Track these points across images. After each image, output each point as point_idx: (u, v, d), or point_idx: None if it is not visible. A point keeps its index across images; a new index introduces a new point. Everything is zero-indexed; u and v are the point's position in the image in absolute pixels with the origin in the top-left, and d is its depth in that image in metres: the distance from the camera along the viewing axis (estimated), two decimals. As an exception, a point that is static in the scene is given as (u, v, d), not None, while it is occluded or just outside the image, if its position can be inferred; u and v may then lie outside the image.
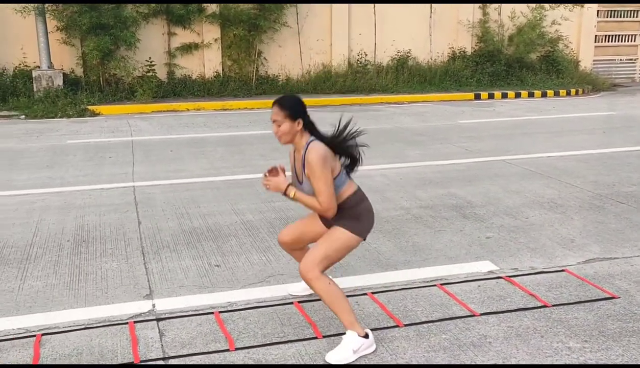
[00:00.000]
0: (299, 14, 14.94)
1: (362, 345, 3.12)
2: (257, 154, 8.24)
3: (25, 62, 13.29)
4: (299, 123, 3.22)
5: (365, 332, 3.17)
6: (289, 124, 3.21)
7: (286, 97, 3.30)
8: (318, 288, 3.12)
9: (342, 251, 3.26)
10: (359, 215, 3.28)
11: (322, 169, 3.12)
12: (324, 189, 3.13)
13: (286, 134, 3.24)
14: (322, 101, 13.75)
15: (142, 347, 3.22)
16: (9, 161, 7.80)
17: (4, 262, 4.40)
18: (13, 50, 13.22)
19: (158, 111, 12.68)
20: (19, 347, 3.22)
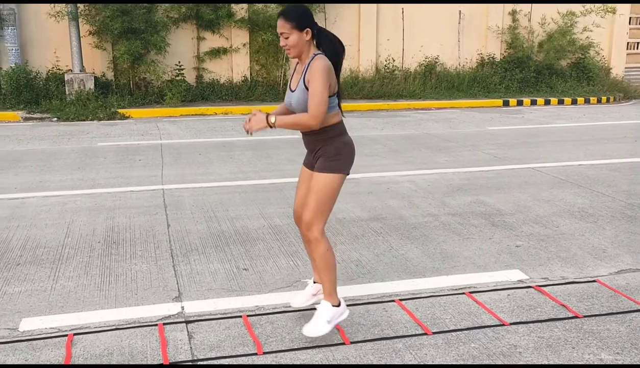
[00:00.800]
0: (327, 19, 14.97)
1: (335, 314, 3.26)
2: (285, 158, 8.27)
3: (58, 66, 13.54)
4: (308, 33, 3.12)
5: (338, 300, 3.30)
6: (297, 35, 3.10)
7: (291, 7, 3.14)
8: (318, 251, 3.22)
9: (332, 195, 3.23)
10: (339, 151, 3.22)
11: (324, 76, 3.04)
12: (319, 93, 3.04)
13: (295, 46, 3.12)
14: (349, 106, 13.75)
15: (171, 349, 3.26)
16: (42, 163, 7.95)
17: (37, 262, 4.48)
18: (46, 53, 13.49)
19: (186, 114, 12.81)
20: (51, 346, 3.27)
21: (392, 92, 14.94)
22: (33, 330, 3.44)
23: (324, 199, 3.21)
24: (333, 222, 5.42)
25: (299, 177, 3.56)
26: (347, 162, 3.29)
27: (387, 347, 3.28)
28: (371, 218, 5.57)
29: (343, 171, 3.26)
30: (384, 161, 8.11)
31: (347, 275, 4.26)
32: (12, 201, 6.10)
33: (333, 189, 3.23)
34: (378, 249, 4.77)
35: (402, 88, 15.14)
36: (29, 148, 9.05)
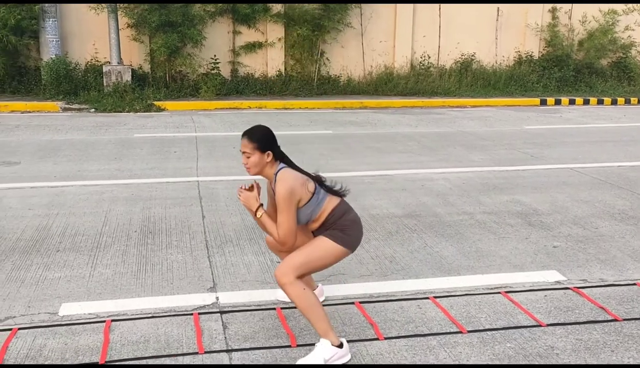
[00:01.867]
0: (363, 15, 14.92)
1: (335, 354, 3.04)
2: (318, 153, 8.27)
3: (97, 58, 13.76)
4: (269, 155, 3.15)
5: (340, 341, 3.09)
6: (258, 156, 3.14)
7: (255, 129, 3.21)
8: (292, 294, 3.02)
9: (324, 260, 3.16)
10: (345, 227, 3.19)
11: (286, 203, 3.05)
12: (284, 222, 3.06)
13: (255, 166, 3.17)
14: (383, 102, 13.69)
15: (206, 338, 3.29)
16: (80, 152, 8.09)
17: (76, 249, 4.57)
18: (86, 46, 13.72)
19: (221, 108, 12.90)
20: (89, 331, 3.34)
21: (426, 89, 14.82)
22: (72, 315, 3.51)
23: (316, 259, 3.13)
24: (366, 218, 5.41)
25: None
26: (356, 239, 3.23)
27: (421, 344, 3.26)
28: (405, 214, 5.54)
29: (348, 247, 3.19)
30: (418, 158, 8.05)
31: (381, 271, 4.24)
32: (52, 189, 6.23)
33: (329, 256, 3.16)
34: (412, 246, 4.74)
35: (437, 85, 15.00)
36: (68, 137, 9.22)
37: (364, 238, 4.82)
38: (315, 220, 3.23)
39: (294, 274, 3.03)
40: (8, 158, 7.57)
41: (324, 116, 11.99)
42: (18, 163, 7.36)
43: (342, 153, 8.35)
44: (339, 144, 8.88)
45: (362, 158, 7.99)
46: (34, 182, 6.48)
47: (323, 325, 3.05)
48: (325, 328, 3.05)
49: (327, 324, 3.06)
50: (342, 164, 7.58)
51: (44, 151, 8.09)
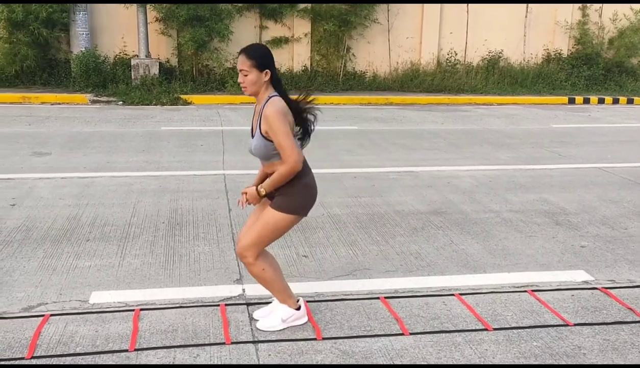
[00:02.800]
0: (389, 11, 14.86)
1: (292, 316, 3.32)
2: (343, 149, 8.28)
3: (125, 51, 13.91)
4: (267, 74, 3.06)
5: (298, 305, 3.35)
6: (256, 74, 3.04)
7: (254, 46, 3.13)
8: (253, 273, 3.23)
9: (276, 232, 3.17)
10: (295, 192, 3.13)
11: (280, 122, 2.98)
12: (286, 143, 2.98)
13: (253, 85, 3.06)
14: (409, 99, 13.64)
15: (232, 329, 3.33)
16: (109, 144, 8.21)
17: (106, 239, 4.65)
18: (115, 39, 13.88)
19: (246, 102, 12.94)
20: (119, 319, 3.40)
21: (453, 86, 14.71)
22: (102, 303, 3.58)
23: (267, 233, 3.15)
24: (392, 214, 5.41)
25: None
26: (304, 205, 3.19)
27: (447, 340, 3.26)
28: (431, 211, 5.52)
29: (296, 213, 3.16)
30: (444, 155, 8.02)
31: (406, 267, 4.25)
32: (81, 179, 6.34)
33: (280, 227, 3.16)
34: (438, 242, 4.73)
35: (464, 82, 14.89)
36: (97, 129, 9.35)
37: (389, 234, 4.87)
38: (272, 166, 3.13)
39: (253, 253, 3.16)
40: (39, 149, 7.71)
41: (349, 112, 11.98)
42: (49, 153, 7.50)
43: (367, 148, 8.34)
44: (364, 140, 8.87)
45: (387, 154, 7.98)
46: (64, 173, 6.60)
47: (281, 295, 3.32)
48: (284, 297, 3.32)
49: (285, 294, 3.32)
50: (368, 160, 7.58)
51: (73, 143, 8.22)
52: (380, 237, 4.83)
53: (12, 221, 4.97)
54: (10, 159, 7.11)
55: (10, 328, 3.24)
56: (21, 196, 5.68)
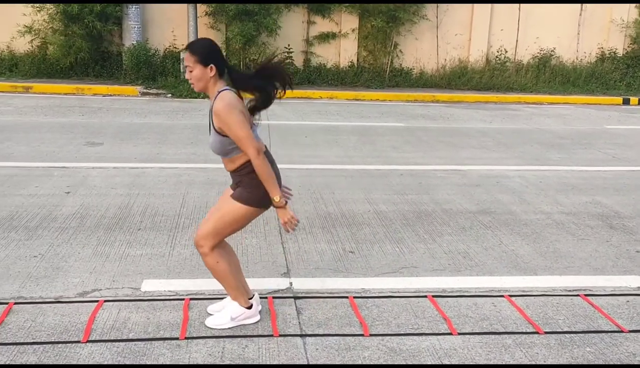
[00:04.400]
0: (439, 7, 14.67)
1: (242, 314, 3.25)
2: (389, 145, 8.23)
3: (175, 44, 14.13)
4: (212, 69, 3.00)
5: (249, 304, 3.28)
6: (201, 70, 2.99)
7: (198, 41, 3.10)
8: (207, 264, 3.18)
9: (234, 224, 3.12)
10: (256, 184, 3.05)
11: (232, 115, 2.92)
12: (243, 135, 2.93)
13: (198, 80, 3.01)
14: (456, 96, 13.46)
15: (280, 322, 3.35)
16: (159, 136, 8.36)
17: (156, 228, 4.74)
18: (165, 32, 14.11)
19: (292, 97, 12.98)
20: (169, 307, 3.46)
21: (502, 85, 14.45)
22: (153, 291, 3.65)
23: (225, 224, 3.10)
24: (439, 212, 5.35)
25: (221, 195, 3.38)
26: (263, 197, 3.09)
27: (496, 342, 3.21)
28: (479, 211, 5.44)
29: (255, 205, 3.10)
30: (492, 154, 7.88)
31: (454, 266, 4.20)
32: (132, 170, 6.47)
33: (239, 218, 3.11)
34: (487, 243, 4.66)
35: (513, 81, 14.60)
36: (147, 121, 9.53)
37: (436, 232, 4.82)
38: (232, 160, 3.09)
39: (209, 244, 3.11)
40: (92, 139, 7.90)
41: (395, 109, 11.90)
42: (101, 143, 7.68)
43: (414, 146, 8.27)
44: (411, 137, 8.80)
45: (434, 152, 7.90)
46: (116, 163, 6.75)
47: (233, 292, 3.25)
48: (236, 295, 3.25)
49: (237, 291, 3.25)
50: (414, 158, 7.52)
51: (124, 133, 8.39)
52: (428, 235, 4.78)
53: (67, 208, 5.12)
54: (66, 148, 7.31)
55: (66, 312, 3.34)
56: (75, 184, 5.84)
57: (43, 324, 3.21)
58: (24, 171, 6.19)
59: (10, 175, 6.01)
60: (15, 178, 5.91)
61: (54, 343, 3.03)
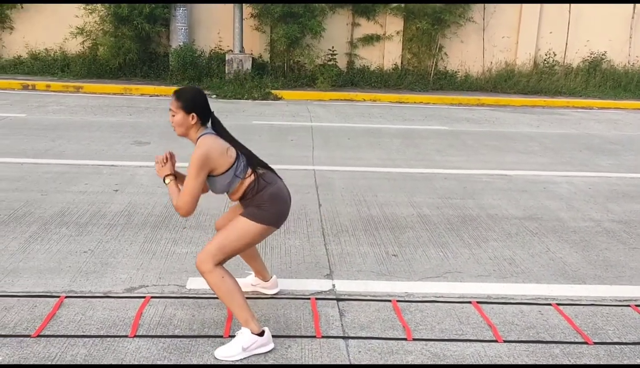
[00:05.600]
0: (486, 9, 14.48)
1: (254, 342, 2.97)
2: (433, 149, 8.15)
3: (220, 46, 14.32)
4: (193, 118, 3.06)
5: (261, 329, 3.01)
6: (182, 116, 3.06)
7: (185, 89, 3.15)
8: (210, 282, 2.98)
9: (243, 240, 3.04)
10: (262, 203, 3.07)
11: (196, 168, 2.96)
12: (186, 187, 2.99)
13: (179, 126, 3.10)
14: (502, 100, 13.25)
15: (323, 323, 3.35)
16: (203, 136, 8.46)
17: (201, 227, 4.80)
18: (211, 34, 14.32)
19: (335, 99, 13.02)
20: (214, 306, 3.49)
21: (549, 88, 14.16)
22: (198, 289, 3.69)
23: (233, 240, 3.03)
24: (484, 217, 5.28)
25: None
26: (274, 214, 3.09)
27: (543, 351, 3.14)
28: (526, 217, 5.34)
29: (266, 223, 3.07)
30: (539, 159, 7.73)
31: (500, 273, 4.13)
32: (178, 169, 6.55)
33: (248, 235, 3.05)
34: (533, 249, 4.57)
35: (562, 85, 14.29)
36: (192, 121, 9.66)
37: (481, 237, 4.75)
38: (234, 192, 3.13)
39: (212, 261, 2.96)
40: (139, 138, 8.07)
41: (439, 112, 11.79)
42: (148, 142, 7.83)
43: (459, 149, 8.18)
44: (455, 141, 8.70)
45: (479, 156, 7.79)
46: (162, 161, 6.86)
47: (243, 313, 2.99)
48: (246, 317, 2.99)
49: (247, 313, 2.99)
50: (458, 161, 7.43)
51: (170, 133, 8.44)
52: (472, 240, 4.72)
53: (116, 205, 5.23)
54: (114, 147, 7.49)
55: (115, 307, 3.42)
56: (123, 182, 5.97)
57: (92, 318, 3.29)
58: (75, 168, 6.37)
59: (62, 172, 6.18)
60: (66, 175, 6.08)
61: (102, 337, 3.10)
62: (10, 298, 3.47)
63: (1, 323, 3.20)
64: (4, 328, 3.15)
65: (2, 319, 3.24)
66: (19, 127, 8.35)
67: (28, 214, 4.90)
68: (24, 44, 13.95)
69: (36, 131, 8.18)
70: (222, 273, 2.98)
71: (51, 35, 13.80)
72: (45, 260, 4.02)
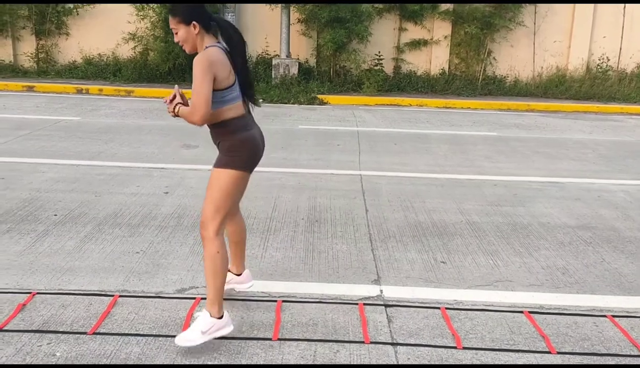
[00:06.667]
0: (537, 13, 14.21)
1: (213, 326, 3.03)
2: (482, 155, 8.03)
3: (267, 51, 14.46)
4: (195, 26, 2.97)
5: (222, 313, 3.07)
6: (185, 30, 2.97)
7: (176, 4, 3.02)
8: (206, 250, 3.04)
9: (225, 192, 3.06)
10: (234, 148, 3.05)
11: (201, 70, 2.85)
12: (197, 89, 2.86)
13: (186, 41, 3.00)
14: (553, 106, 12.96)
15: (371, 329, 3.33)
16: (251, 140, 8.55)
17: (249, 230, 4.83)
18: (258, 39, 14.46)
19: (381, 104, 12.97)
20: (263, 308, 3.53)
21: (603, 94, 13.77)
22: (246, 292, 3.72)
23: (218, 195, 3.06)
24: (536, 225, 5.16)
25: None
26: (243, 160, 3.09)
27: (598, 364, 3.05)
28: (579, 226, 5.20)
29: (236, 168, 3.07)
30: (592, 166, 7.53)
31: (552, 283, 4.03)
32: (226, 172, 6.64)
33: (226, 185, 3.07)
34: (587, 259, 4.45)
35: (616, 90, 13.88)
36: (240, 125, 9.78)
37: (532, 246, 4.66)
38: (213, 114, 3.01)
39: (212, 225, 3.03)
40: (188, 141, 8.21)
41: (488, 117, 11.61)
42: (197, 146, 7.96)
43: (508, 156, 8.03)
44: (504, 147, 8.55)
45: (529, 163, 7.64)
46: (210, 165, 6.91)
47: (214, 294, 3.05)
48: (213, 299, 3.05)
49: (218, 295, 3.06)
50: (508, 168, 7.30)
51: (219, 137, 8.64)
52: (524, 249, 4.62)
53: (166, 207, 5.33)
54: (164, 150, 7.64)
55: (166, 307, 3.48)
56: (173, 184, 6.08)
57: (145, 317, 3.36)
58: (127, 170, 6.52)
59: (114, 174, 6.34)
60: (118, 177, 6.23)
61: (155, 336, 3.16)
62: (67, 296, 3.58)
63: (59, 319, 3.31)
64: (62, 324, 3.25)
65: (60, 316, 3.35)
66: (74, 130, 8.61)
67: (83, 214, 5.05)
68: (79, 50, 14.38)
69: (90, 133, 8.42)
70: (219, 246, 3.05)
71: (104, 41, 14.19)
72: (99, 260, 4.13)
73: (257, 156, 3.21)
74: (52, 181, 5.99)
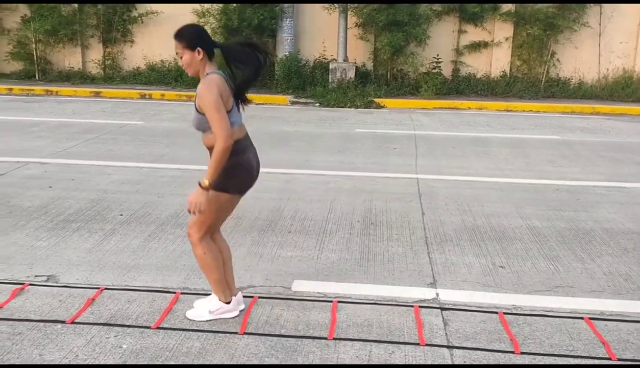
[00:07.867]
0: (602, 13, 13.77)
1: (220, 308, 3.35)
2: (544, 159, 7.85)
3: (324, 55, 14.54)
4: (199, 53, 3.08)
5: (229, 299, 3.36)
6: (190, 55, 3.08)
7: (183, 27, 3.13)
8: (195, 253, 3.28)
9: (215, 212, 3.19)
10: (228, 171, 3.10)
11: (211, 97, 2.98)
12: (215, 115, 2.98)
13: (189, 66, 3.11)
14: (619, 109, 12.52)
15: (426, 331, 3.33)
16: (307, 144, 8.65)
17: (305, 232, 4.92)
18: (316, 43, 14.58)
19: (439, 107, 12.85)
20: (318, 308, 3.58)
21: (672, 97, 13.22)
22: (303, 292, 3.79)
23: (212, 215, 3.19)
24: (598, 231, 5.03)
25: None
26: (236, 183, 3.21)
27: (664, 374, 2.96)
28: (645, 231, 5.04)
29: (229, 191, 3.19)
30: (660, 171, 7.26)
31: (614, 289, 3.92)
32: (283, 175, 6.75)
33: (215, 205, 3.17)
34: (653, 266, 4.30)
35: (685, 92, 13.30)
36: (296, 129, 9.91)
37: (595, 252, 4.54)
38: (208, 138, 3.15)
39: (197, 234, 3.21)
40: (247, 145, 8.36)
41: (550, 120, 11.33)
42: (255, 149, 8.10)
43: (571, 160, 7.83)
44: (567, 151, 8.33)
45: (593, 167, 7.42)
46: (268, 168, 7.03)
47: (216, 286, 3.34)
48: (216, 288, 3.35)
49: (218, 285, 3.34)
50: (571, 172, 7.11)
51: (275, 140, 8.79)
52: (586, 254, 4.51)
53: (225, 208, 5.46)
54: (224, 153, 7.81)
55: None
56: (232, 186, 6.21)
57: (205, 314, 3.47)
58: (187, 173, 6.71)
59: (176, 176, 6.54)
60: (179, 179, 6.42)
61: (215, 332, 3.26)
62: (133, 292, 3.74)
63: (125, 314, 3.46)
64: (128, 318, 3.40)
65: (126, 310, 3.50)
66: (138, 134, 8.92)
67: (147, 215, 5.24)
68: (143, 56, 14.87)
69: (152, 137, 8.71)
70: (205, 249, 3.26)
71: (166, 48, 14.59)
72: (162, 258, 4.29)
73: (251, 180, 3.34)
74: (117, 182, 6.24)
